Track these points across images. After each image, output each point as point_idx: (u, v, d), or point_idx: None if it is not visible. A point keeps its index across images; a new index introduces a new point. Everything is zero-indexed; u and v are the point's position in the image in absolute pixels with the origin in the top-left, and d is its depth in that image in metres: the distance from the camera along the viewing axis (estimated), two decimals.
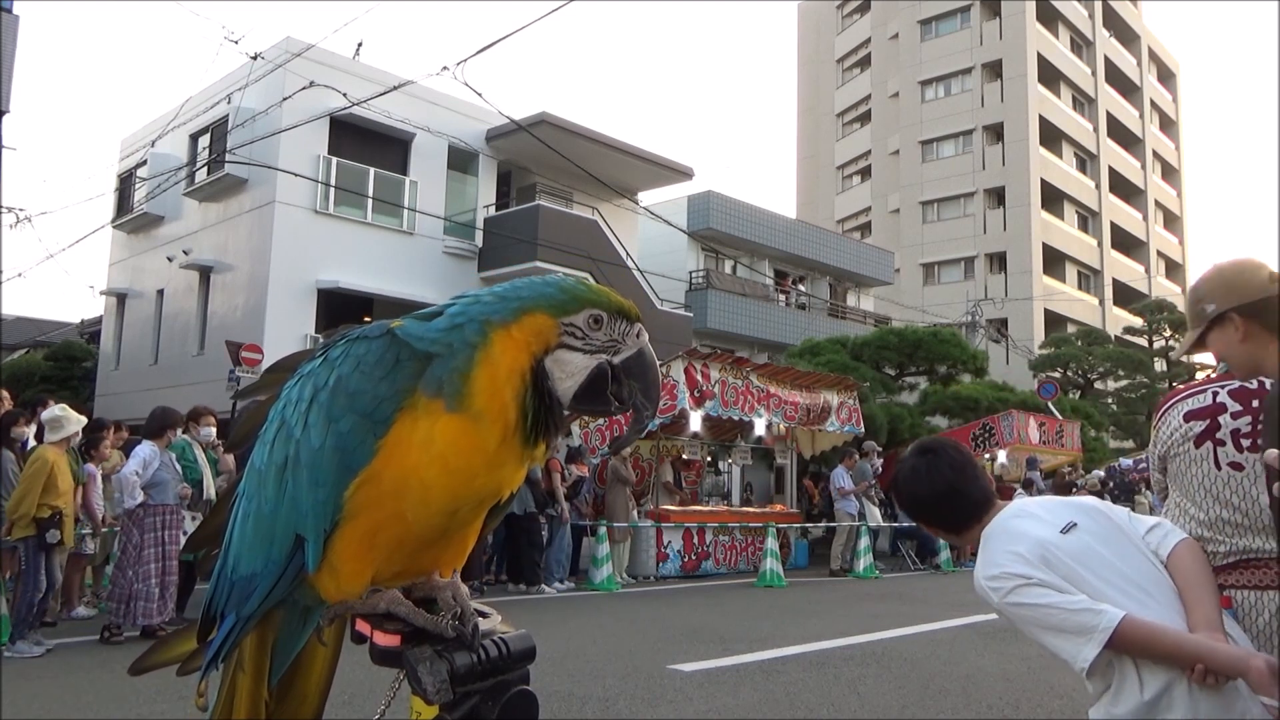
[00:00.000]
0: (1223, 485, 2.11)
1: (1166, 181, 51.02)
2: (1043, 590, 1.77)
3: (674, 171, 21.67)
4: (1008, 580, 1.81)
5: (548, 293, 1.21)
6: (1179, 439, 2.22)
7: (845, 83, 45.98)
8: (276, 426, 1.27)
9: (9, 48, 11.13)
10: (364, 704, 4.33)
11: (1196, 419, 2.20)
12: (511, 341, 1.17)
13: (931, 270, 40.38)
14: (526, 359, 1.17)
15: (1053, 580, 1.77)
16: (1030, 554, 1.81)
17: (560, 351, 1.19)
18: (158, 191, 18.77)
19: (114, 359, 21.64)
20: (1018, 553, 1.83)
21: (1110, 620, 1.68)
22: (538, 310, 1.19)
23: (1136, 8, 48.82)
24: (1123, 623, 1.68)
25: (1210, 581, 1.79)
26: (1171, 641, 1.67)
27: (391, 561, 1.24)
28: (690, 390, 11.73)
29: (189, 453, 7.20)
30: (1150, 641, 1.68)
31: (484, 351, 1.16)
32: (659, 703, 4.83)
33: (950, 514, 2.03)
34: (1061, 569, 1.78)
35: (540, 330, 1.19)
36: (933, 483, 2.02)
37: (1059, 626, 1.75)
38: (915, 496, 2.06)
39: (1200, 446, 2.16)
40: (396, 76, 16.15)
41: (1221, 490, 2.11)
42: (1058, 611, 1.74)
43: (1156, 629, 1.68)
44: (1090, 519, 1.88)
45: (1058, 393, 21.88)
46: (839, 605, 9.37)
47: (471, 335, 1.17)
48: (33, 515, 6.11)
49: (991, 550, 1.90)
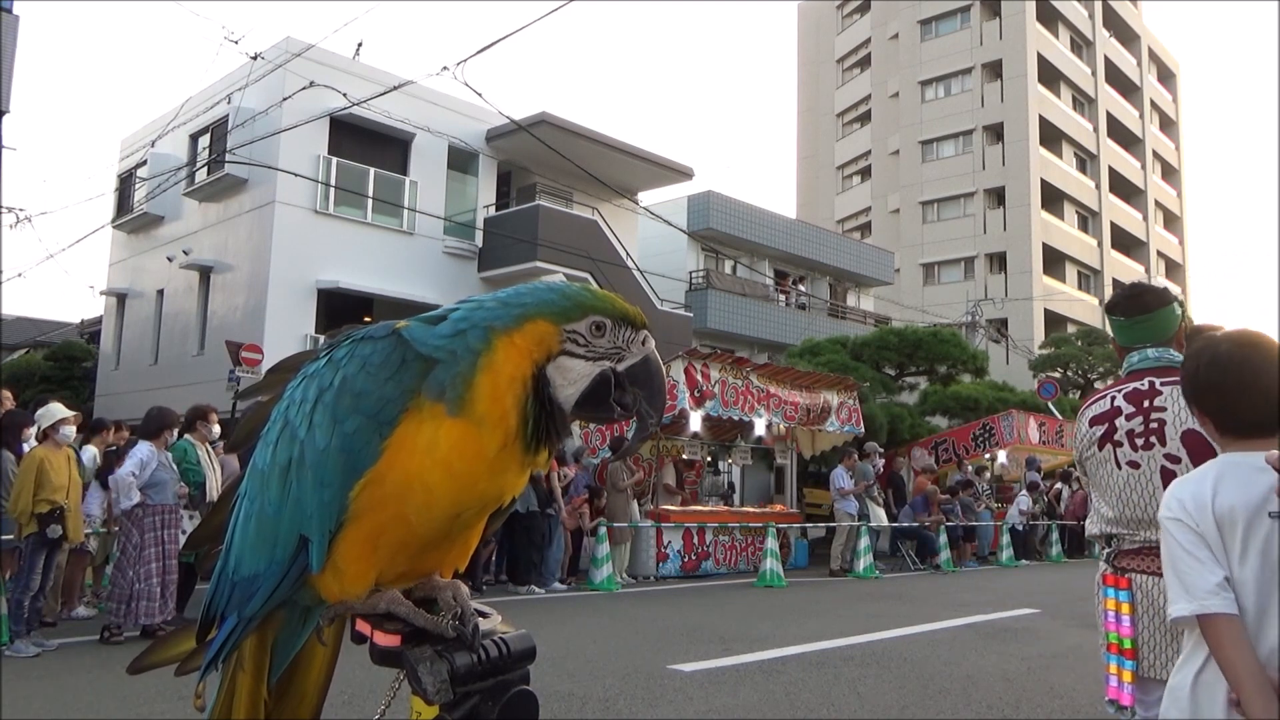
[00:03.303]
0: (1123, 484, 2.27)
1: (1166, 181, 51.01)
2: (1195, 539, 1.68)
3: (674, 171, 21.67)
4: (1181, 509, 1.72)
5: (551, 299, 1.21)
6: (1086, 443, 2.39)
7: (845, 83, 45.96)
8: (280, 427, 1.27)
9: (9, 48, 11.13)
10: (364, 704, 4.33)
11: (1098, 423, 2.36)
12: (514, 348, 1.17)
13: (931, 270, 40.37)
14: (529, 366, 1.17)
15: (1213, 539, 1.67)
16: (1224, 506, 1.68)
17: (562, 358, 1.19)
18: (158, 191, 18.76)
19: (114, 359, 21.63)
20: (1217, 496, 1.69)
21: (1216, 607, 1.62)
22: (540, 317, 1.19)
23: (1136, 8, 48.80)
24: (1221, 618, 1.61)
25: None
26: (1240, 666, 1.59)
27: (395, 563, 1.24)
28: (690, 390, 11.74)
29: (192, 453, 7.21)
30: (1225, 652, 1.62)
31: (487, 358, 1.16)
32: (659, 703, 4.83)
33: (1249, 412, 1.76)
34: (1234, 539, 1.66)
35: (542, 337, 1.18)
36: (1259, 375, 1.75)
37: (1181, 573, 1.68)
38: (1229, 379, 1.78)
39: (1103, 449, 2.33)
40: (396, 76, 16.15)
41: (1123, 489, 2.27)
42: (1190, 563, 1.67)
43: (1238, 649, 1.60)
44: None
45: (1058, 393, 21.87)
46: (839, 605, 9.37)
47: (475, 341, 1.17)
48: (32, 512, 6.14)
49: (1207, 475, 1.75)
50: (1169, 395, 2.25)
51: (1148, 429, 2.26)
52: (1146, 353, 2.38)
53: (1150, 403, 2.28)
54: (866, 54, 44.26)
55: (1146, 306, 2.41)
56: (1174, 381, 2.25)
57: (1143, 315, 2.41)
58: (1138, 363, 2.38)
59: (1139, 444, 2.26)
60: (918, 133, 40.98)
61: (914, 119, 41.11)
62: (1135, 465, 2.26)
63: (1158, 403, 2.26)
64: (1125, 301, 2.46)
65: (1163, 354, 2.36)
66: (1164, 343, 2.39)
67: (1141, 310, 2.41)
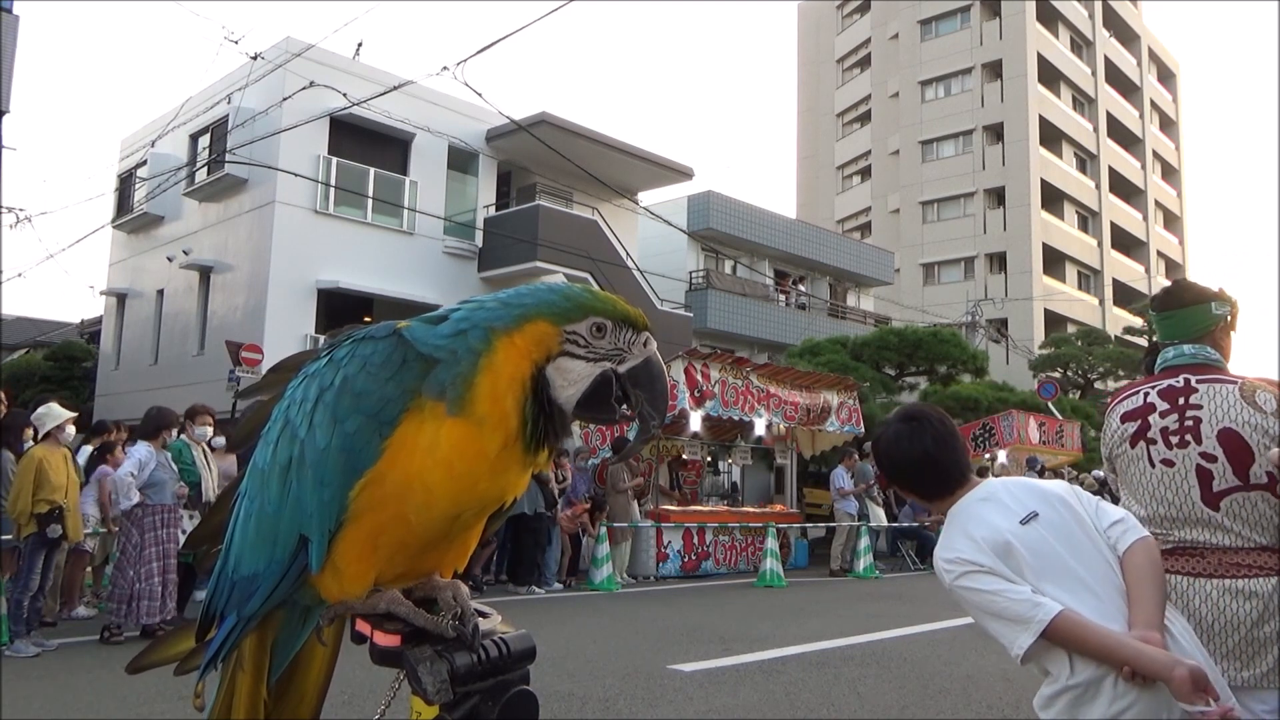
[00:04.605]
0: (1157, 482, 2.23)
1: (1166, 181, 51.01)
2: (991, 578, 1.83)
3: (674, 171, 21.67)
4: (961, 565, 1.88)
5: (551, 300, 1.21)
6: (1117, 440, 2.34)
7: (845, 83, 45.96)
8: (281, 426, 1.27)
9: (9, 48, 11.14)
10: (364, 704, 4.33)
11: (1130, 420, 2.32)
12: (514, 349, 1.17)
13: (931, 270, 40.37)
14: (528, 367, 1.17)
15: (1001, 569, 1.83)
16: (986, 541, 1.87)
17: (562, 359, 1.19)
18: (158, 191, 18.76)
19: (114, 359, 21.63)
20: (974, 538, 1.89)
21: (1047, 613, 1.75)
22: (540, 318, 1.19)
23: (1136, 8, 48.80)
24: (1059, 617, 1.75)
25: (1157, 581, 1.83)
26: (1102, 640, 1.73)
27: (394, 563, 1.24)
28: (690, 390, 11.74)
29: (187, 454, 7.21)
30: (1083, 638, 1.75)
31: (488, 358, 1.16)
32: (659, 703, 4.83)
33: (925, 482, 2.06)
34: (1013, 560, 1.84)
35: (542, 338, 1.18)
36: (912, 449, 2.04)
37: (1000, 614, 1.82)
38: (894, 461, 2.08)
39: (1135, 446, 2.28)
40: (396, 76, 16.14)
41: (1157, 487, 2.22)
42: (1001, 600, 1.81)
43: (1090, 627, 1.75)
44: (1053, 510, 1.90)
45: (1058, 393, 21.87)
46: (839, 605, 9.37)
47: (475, 342, 1.17)
48: (31, 512, 6.14)
49: (952, 532, 1.96)
50: (1205, 393, 2.21)
51: (1183, 427, 2.20)
52: (1182, 349, 2.31)
53: (1186, 400, 2.22)
54: (866, 54, 44.27)
55: (1179, 302, 2.36)
56: (1210, 379, 2.22)
57: (1173, 310, 2.36)
58: (1173, 359, 2.32)
59: (1174, 442, 2.20)
60: (918, 133, 40.98)
61: (914, 119, 41.11)
62: (1169, 464, 2.20)
63: (1193, 400, 2.21)
64: (1162, 295, 2.43)
65: (1199, 351, 2.30)
66: (1199, 340, 2.32)
67: (1174, 305, 2.37)
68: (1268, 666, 2.04)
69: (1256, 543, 2.10)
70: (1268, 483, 2.11)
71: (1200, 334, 2.33)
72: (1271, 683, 2.04)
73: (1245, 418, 2.14)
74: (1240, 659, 2.05)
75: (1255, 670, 2.04)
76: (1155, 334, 2.48)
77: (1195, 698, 1.62)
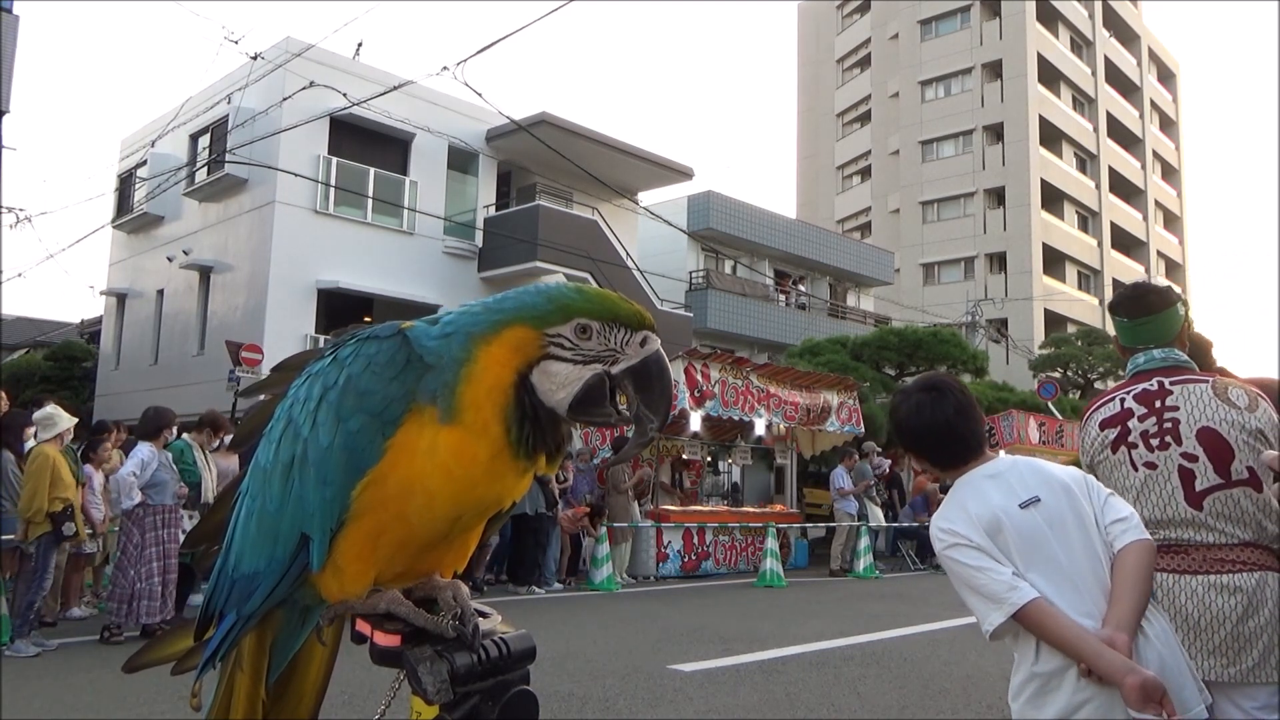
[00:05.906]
0: (1141, 485, 2.27)
1: (1166, 181, 50.99)
2: (977, 554, 1.89)
3: (674, 171, 21.67)
4: (951, 536, 1.93)
5: (532, 304, 1.19)
6: (1098, 447, 2.37)
7: (845, 83, 45.95)
8: (283, 425, 1.26)
9: (9, 48, 11.13)
10: (364, 704, 4.33)
11: (1110, 426, 2.36)
12: (492, 357, 1.15)
13: (931, 270, 40.36)
14: (509, 374, 1.15)
15: (989, 548, 1.88)
16: (980, 518, 1.91)
17: (547, 363, 1.17)
18: (158, 191, 18.76)
19: (114, 359, 21.62)
20: (970, 513, 1.93)
21: (1021, 598, 1.81)
22: (518, 323, 1.17)
23: (1136, 8, 48.79)
24: (1031, 604, 1.80)
25: (1141, 584, 1.84)
26: (1067, 634, 1.78)
27: (394, 563, 1.24)
28: (690, 390, 11.74)
29: (188, 454, 7.21)
30: (1050, 628, 1.80)
31: (468, 367, 1.15)
32: (659, 703, 4.83)
33: (943, 451, 2.07)
34: (1002, 540, 1.88)
35: (520, 344, 1.16)
36: (934, 417, 2.05)
37: (978, 589, 1.88)
38: (914, 428, 2.09)
39: (1116, 452, 2.32)
40: (396, 76, 16.14)
41: (1141, 490, 2.26)
42: (982, 577, 1.87)
43: (1059, 618, 1.79)
44: (1055, 499, 1.92)
45: (1058, 393, 21.85)
46: (839, 605, 9.37)
47: (457, 349, 1.16)
48: (46, 510, 6.13)
49: (953, 503, 2.00)
50: (1180, 394, 2.25)
51: (1162, 429, 2.25)
52: (1152, 353, 2.36)
53: (1162, 403, 2.27)
54: (866, 54, 44.25)
55: (1151, 308, 2.40)
56: (1183, 380, 2.27)
57: (1146, 316, 2.40)
58: (1144, 363, 2.37)
59: (1154, 444, 2.25)
60: (918, 133, 40.97)
61: (914, 119, 41.10)
62: (1152, 466, 2.24)
63: (1169, 402, 2.26)
64: (1128, 302, 2.45)
65: (1169, 354, 2.35)
66: (1168, 343, 2.37)
67: (1145, 311, 2.40)
68: (1253, 661, 2.07)
69: (1240, 538, 2.14)
70: (1249, 478, 2.15)
71: (1171, 338, 2.38)
72: (1257, 677, 2.07)
73: (1222, 415, 2.19)
74: (1226, 655, 2.08)
75: (1241, 665, 2.08)
76: (1120, 339, 2.50)
77: (1145, 708, 1.66)
